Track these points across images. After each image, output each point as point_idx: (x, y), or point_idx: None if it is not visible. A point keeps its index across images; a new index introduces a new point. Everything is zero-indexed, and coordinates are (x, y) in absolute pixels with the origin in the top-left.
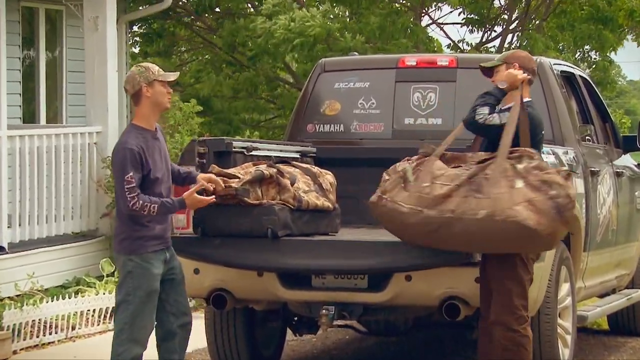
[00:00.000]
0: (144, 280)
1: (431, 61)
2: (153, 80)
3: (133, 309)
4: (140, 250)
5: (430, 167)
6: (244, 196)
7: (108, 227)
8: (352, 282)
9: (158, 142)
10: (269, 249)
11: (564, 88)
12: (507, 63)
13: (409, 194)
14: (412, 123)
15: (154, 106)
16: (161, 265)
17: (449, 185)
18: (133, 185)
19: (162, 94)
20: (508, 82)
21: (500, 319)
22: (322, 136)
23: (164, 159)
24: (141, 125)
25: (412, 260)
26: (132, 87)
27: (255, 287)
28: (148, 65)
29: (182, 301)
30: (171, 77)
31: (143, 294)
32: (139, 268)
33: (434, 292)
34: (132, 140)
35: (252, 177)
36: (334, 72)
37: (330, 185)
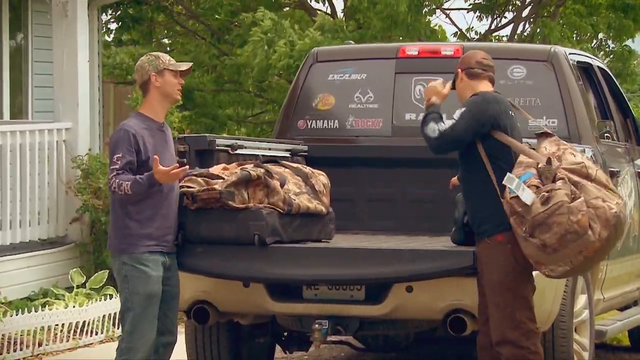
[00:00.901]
0: (140, 283)
1: (435, 50)
2: (163, 69)
3: (133, 315)
4: (131, 249)
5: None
6: (228, 199)
7: (78, 233)
8: (347, 294)
9: (164, 136)
10: (256, 257)
11: (580, 80)
12: (455, 74)
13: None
14: (413, 119)
15: (162, 97)
16: (160, 269)
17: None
18: (116, 166)
19: (172, 84)
20: (429, 96)
21: (506, 337)
22: (315, 133)
23: (169, 154)
24: (147, 114)
25: (414, 270)
26: (141, 76)
27: (241, 299)
28: (158, 54)
29: (171, 318)
30: (183, 67)
31: (142, 299)
32: (134, 271)
33: (437, 304)
34: (132, 124)
35: (237, 178)
36: (328, 62)
37: (324, 187)
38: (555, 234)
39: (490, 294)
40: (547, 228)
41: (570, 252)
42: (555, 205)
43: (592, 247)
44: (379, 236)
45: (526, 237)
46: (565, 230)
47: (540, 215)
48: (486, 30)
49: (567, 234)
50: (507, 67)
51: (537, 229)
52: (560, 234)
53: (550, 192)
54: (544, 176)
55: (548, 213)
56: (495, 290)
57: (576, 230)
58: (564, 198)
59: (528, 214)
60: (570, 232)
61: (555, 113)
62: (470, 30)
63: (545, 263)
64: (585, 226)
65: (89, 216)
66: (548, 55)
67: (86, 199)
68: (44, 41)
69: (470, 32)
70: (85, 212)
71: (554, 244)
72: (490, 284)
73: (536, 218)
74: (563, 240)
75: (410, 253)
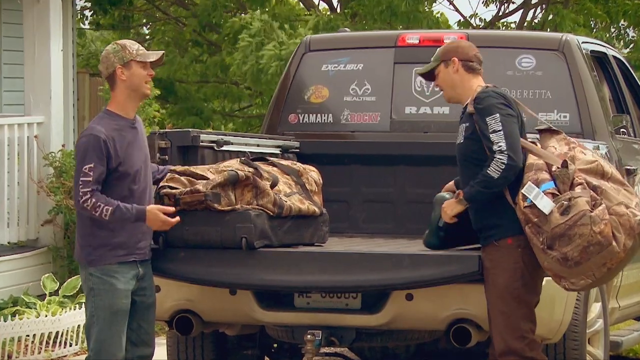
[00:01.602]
0: (106, 297)
1: (437, 38)
2: (130, 61)
3: (98, 331)
4: (101, 262)
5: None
6: (214, 202)
7: (51, 236)
8: (342, 302)
9: (136, 133)
10: (243, 262)
11: (594, 71)
12: (444, 61)
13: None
14: (414, 113)
15: (130, 92)
16: (130, 281)
17: None
18: (89, 179)
19: (140, 77)
20: (452, 212)
21: (512, 347)
22: (307, 128)
23: (142, 153)
24: (116, 112)
25: (415, 276)
26: (106, 68)
27: (227, 308)
28: (125, 43)
29: (147, 329)
30: (152, 57)
31: (107, 314)
32: (100, 283)
33: (440, 313)
34: (101, 127)
35: (224, 179)
36: (321, 51)
37: (316, 185)
38: (578, 247)
39: (494, 300)
40: (568, 240)
41: (593, 265)
42: (577, 216)
43: (616, 258)
44: (376, 240)
45: (544, 249)
46: (588, 242)
47: (561, 226)
48: (493, 16)
49: (590, 245)
50: (515, 56)
51: (557, 241)
52: (583, 246)
53: (570, 201)
54: (559, 180)
55: (569, 224)
56: (501, 297)
57: (599, 241)
58: (585, 207)
59: (546, 225)
60: (593, 243)
61: (567, 107)
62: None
63: (566, 276)
64: (609, 236)
65: (63, 218)
66: (559, 44)
67: (59, 199)
68: (13, 28)
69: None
70: (58, 213)
71: (576, 257)
72: (495, 289)
73: (555, 230)
74: (586, 252)
75: (410, 258)
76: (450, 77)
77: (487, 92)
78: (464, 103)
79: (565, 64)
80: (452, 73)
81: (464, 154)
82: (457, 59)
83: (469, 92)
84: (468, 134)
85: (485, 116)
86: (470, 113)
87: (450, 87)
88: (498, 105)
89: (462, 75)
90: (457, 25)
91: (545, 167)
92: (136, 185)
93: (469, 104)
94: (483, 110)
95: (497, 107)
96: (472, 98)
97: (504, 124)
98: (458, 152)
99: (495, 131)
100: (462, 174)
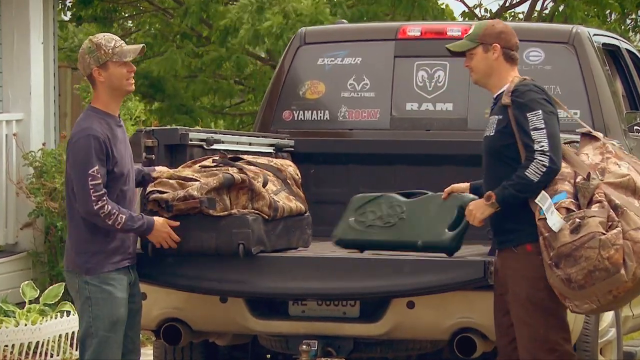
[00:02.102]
0: (105, 307)
1: (440, 31)
2: (106, 62)
3: (97, 343)
4: (99, 270)
5: None
6: (210, 209)
7: (30, 240)
8: (339, 310)
9: (122, 132)
10: (234, 268)
11: (606, 65)
12: (484, 44)
13: None
14: (415, 109)
15: (111, 91)
16: (125, 289)
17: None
18: (99, 182)
19: (119, 76)
20: (482, 215)
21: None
22: (302, 125)
23: (128, 153)
24: (102, 109)
25: (416, 283)
26: (83, 68)
27: (218, 317)
28: (100, 42)
29: (133, 336)
30: (129, 56)
31: (107, 324)
32: (98, 292)
33: (443, 322)
34: (96, 127)
35: (218, 183)
36: (317, 44)
37: (294, 181)
38: (582, 270)
39: (517, 311)
40: (573, 261)
41: (597, 291)
42: (586, 237)
43: (623, 287)
44: None
45: (551, 266)
46: (594, 267)
47: (567, 246)
48: (499, 7)
49: (596, 270)
50: (523, 49)
51: (563, 261)
52: (588, 269)
53: (582, 220)
54: (581, 194)
55: (576, 245)
56: (523, 307)
57: (606, 267)
58: (597, 228)
59: (555, 242)
60: (599, 268)
61: (578, 103)
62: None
63: (570, 298)
64: (618, 263)
65: (43, 221)
66: (569, 37)
67: (40, 201)
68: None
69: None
70: (39, 216)
71: (579, 280)
72: (517, 300)
73: (562, 249)
74: (590, 277)
75: (411, 263)
76: (488, 63)
77: (528, 85)
78: (494, 92)
79: (576, 58)
80: (492, 60)
81: (493, 148)
82: (500, 46)
83: (503, 82)
84: (501, 127)
85: (525, 111)
86: (504, 105)
87: (485, 73)
88: (540, 101)
89: (501, 64)
90: (461, 16)
91: (573, 176)
92: (126, 187)
93: (504, 94)
94: (523, 105)
95: (539, 103)
96: (508, 89)
97: (547, 122)
98: (486, 146)
99: (537, 129)
100: (488, 171)
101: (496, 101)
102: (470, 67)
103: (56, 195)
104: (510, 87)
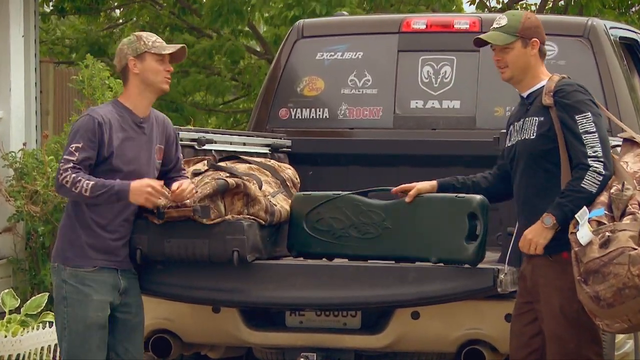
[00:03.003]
0: (80, 308)
1: (446, 23)
2: (144, 52)
3: (68, 346)
4: (77, 261)
5: None
6: (203, 217)
7: (10, 246)
8: (340, 321)
9: (142, 134)
10: (228, 276)
11: (624, 60)
12: (523, 38)
13: None
14: (420, 107)
15: (144, 86)
16: (107, 292)
17: None
18: (73, 158)
19: (154, 71)
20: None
21: None
22: (300, 124)
23: (143, 154)
24: (124, 103)
25: (421, 292)
26: (119, 60)
27: (210, 328)
28: (141, 34)
29: (134, 353)
30: (169, 49)
31: (80, 327)
32: (74, 293)
33: (449, 334)
34: (102, 112)
35: (212, 189)
36: (316, 37)
37: (293, 184)
38: (611, 287)
39: (549, 322)
40: (602, 278)
41: (628, 309)
42: (615, 252)
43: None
44: None
45: (580, 282)
46: (624, 284)
47: (595, 261)
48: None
49: (625, 288)
50: None
51: (592, 277)
52: (617, 287)
53: (612, 233)
54: (614, 205)
55: (605, 260)
56: (556, 319)
57: (636, 285)
58: (627, 243)
59: (584, 257)
60: (629, 286)
61: None
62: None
63: (600, 317)
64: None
65: (24, 226)
66: (584, 30)
67: (20, 204)
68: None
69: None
70: (19, 220)
71: (608, 298)
72: (550, 311)
73: (590, 265)
74: (620, 295)
75: (416, 271)
76: (527, 59)
77: (572, 84)
78: (524, 91)
79: (591, 52)
80: (530, 55)
81: (534, 153)
82: (539, 42)
83: (537, 80)
84: (544, 130)
85: (574, 113)
86: (546, 106)
87: (522, 69)
88: (588, 103)
89: (537, 60)
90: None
91: (609, 186)
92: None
93: (544, 94)
94: (570, 106)
95: (587, 105)
96: (548, 89)
97: (598, 126)
98: (525, 150)
99: (589, 132)
100: (523, 177)
101: (529, 101)
102: (505, 63)
103: (37, 198)
104: (551, 87)
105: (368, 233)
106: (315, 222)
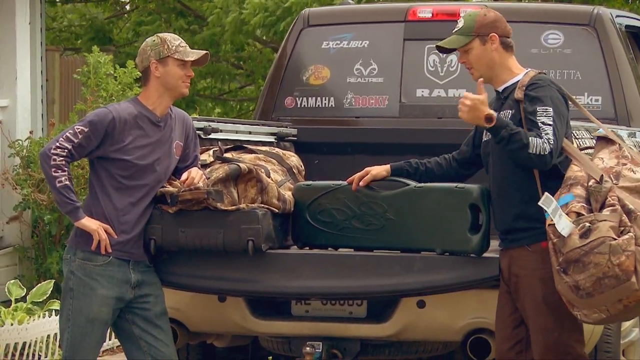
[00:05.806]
0: (85, 302)
1: (452, 12)
2: (167, 57)
3: (71, 339)
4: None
5: None
6: (217, 201)
7: (17, 235)
8: (345, 310)
9: (159, 132)
10: (234, 265)
11: (630, 49)
12: (480, 36)
13: None
14: (426, 96)
15: (164, 89)
16: (115, 287)
17: None
18: (75, 140)
19: (175, 76)
20: (481, 113)
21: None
22: (305, 113)
23: (164, 154)
24: (145, 104)
25: (427, 281)
26: (141, 61)
27: (216, 317)
28: (165, 37)
29: (161, 347)
30: (192, 56)
31: (83, 321)
32: (80, 286)
33: (455, 323)
34: (119, 107)
35: (225, 174)
36: (322, 26)
37: (298, 172)
38: (591, 277)
39: (532, 313)
40: (582, 268)
41: (606, 299)
42: (595, 242)
43: (634, 296)
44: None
45: (559, 272)
46: (603, 274)
47: (576, 251)
48: None
49: (605, 277)
50: (541, 32)
51: (572, 267)
52: (597, 277)
53: (592, 224)
54: (593, 198)
55: (585, 250)
56: (538, 309)
57: (616, 274)
58: (608, 233)
59: (563, 247)
60: (608, 275)
61: (599, 89)
62: None
63: (579, 307)
64: (629, 271)
65: (31, 214)
66: (590, 18)
67: (27, 193)
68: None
69: None
70: (26, 209)
71: (588, 287)
72: (533, 302)
73: (570, 254)
74: (599, 284)
75: (421, 260)
76: (488, 55)
77: (545, 80)
78: (498, 85)
79: (597, 41)
80: (491, 51)
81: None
82: (497, 35)
83: (507, 74)
84: (515, 123)
85: (536, 104)
86: (517, 100)
87: (487, 66)
88: (555, 100)
89: (501, 54)
90: None
91: (586, 180)
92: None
93: (517, 88)
94: (536, 98)
95: (554, 102)
96: (522, 82)
97: (556, 122)
98: (495, 146)
99: (546, 124)
100: (501, 171)
101: (504, 95)
102: (468, 64)
103: (44, 187)
104: (525, 81)
105: (372, 224)
106: (318, 214)
